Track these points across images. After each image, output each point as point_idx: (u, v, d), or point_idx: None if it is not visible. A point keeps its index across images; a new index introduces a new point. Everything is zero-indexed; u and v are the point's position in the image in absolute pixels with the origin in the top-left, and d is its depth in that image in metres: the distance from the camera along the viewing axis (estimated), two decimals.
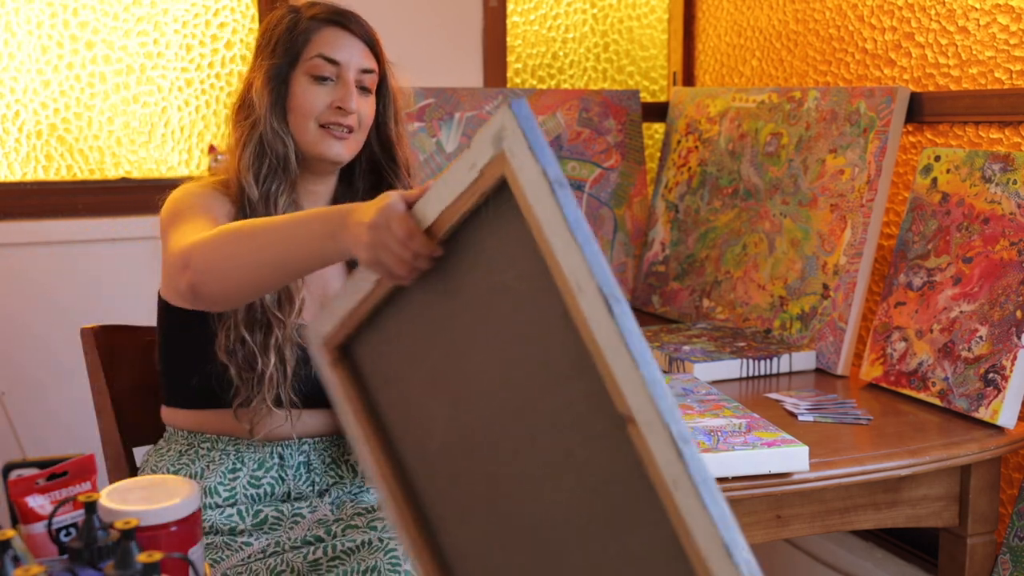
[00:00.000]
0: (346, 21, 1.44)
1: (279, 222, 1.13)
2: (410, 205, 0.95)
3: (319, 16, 1.43)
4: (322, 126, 1.42)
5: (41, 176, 2.23)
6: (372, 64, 1.45)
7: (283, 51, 1.42)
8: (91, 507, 0.81)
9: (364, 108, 1.44)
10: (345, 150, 1.44)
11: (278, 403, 1.37)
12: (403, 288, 0.97)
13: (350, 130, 1.42)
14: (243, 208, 1.39)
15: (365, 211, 0.99)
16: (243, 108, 1.44)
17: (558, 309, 0.83)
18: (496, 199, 0.86)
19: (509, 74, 2.56)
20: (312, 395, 1.42)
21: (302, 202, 1.47)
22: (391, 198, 0.96)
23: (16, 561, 0.78)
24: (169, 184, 1.48)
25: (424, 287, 0.96)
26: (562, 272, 0.83)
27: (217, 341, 1.36)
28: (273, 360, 1.36)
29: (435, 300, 0.96)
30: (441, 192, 0.91)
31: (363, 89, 1.44)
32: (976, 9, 1.81)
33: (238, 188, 1.41)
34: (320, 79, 1.41)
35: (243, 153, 1.41)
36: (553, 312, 0.83)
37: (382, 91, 1.49)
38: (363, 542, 1.29)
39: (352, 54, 1.43)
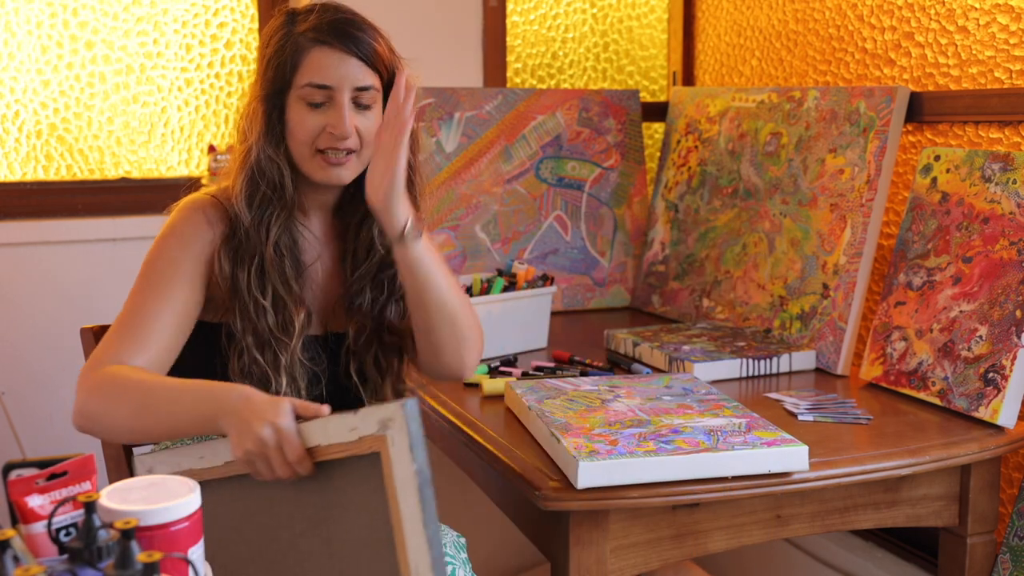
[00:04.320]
0: (337, 39, 1.34)
1: (171, 393, 1.22)
2: (298, 416, 1.08)
3: (309, 33, 1.35)
4: (320, 151, 1.36)
5: (41, 176, 2.23)
6: (369, 80, 1.36)
7: (274, 76, 1.37)
8: (91, 507, 0.81)
9: (365, 125, 1.37)
10: (347, 172, 1.38)
11: None
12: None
13: (349, 152, 1.37)
14: (239, 230, 1.37)
15: (257, 414, 1.10)
16: (241, 130, 1.41)
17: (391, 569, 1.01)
18: (365, 463, 1.04)
19: (509, 74, 2.56)
20: (319, 400, 1.42)
21: (308, 210, 1.45)
22: (283, 418, 1.09)
23: (16, 561, 0.77)
24: (169, 184, 1.48)
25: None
26: (407, 557, 0.99)
27: (231, 364, 1.36)
28: (285, 381, 1.36)
29: (279, 491, 1.11)
30: (327, 429, 1.07)
31: (361, 105, 1.37)
32: (976, 9, 1.81)
33: (234, 211, 1.38)
34: (313, 105, 1.35)
35: (238, 178, 1.39)
36: (384, 568, 1.02)
37: (387, 95, 1.41)
38: None
39: (344, 75, 1.34)
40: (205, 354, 1.40)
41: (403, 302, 1.45)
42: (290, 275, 1.38)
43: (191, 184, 1.50)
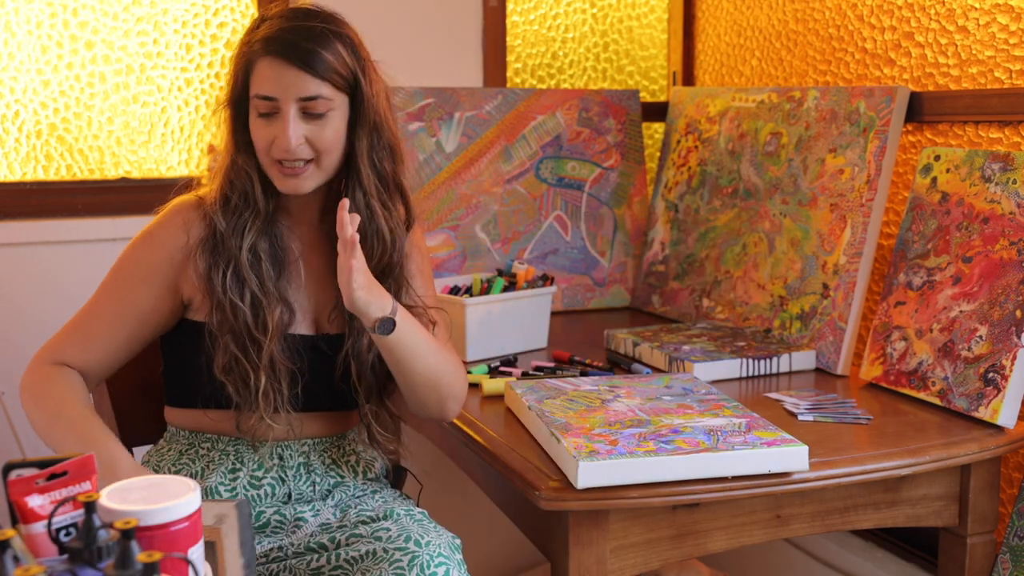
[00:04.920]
0: (281, 50, 1.33)
1: (61, 433, 1.32)
2: None
3: (257, 44, 1.35)
4: (276, 161, 1.36)
5: (41, 176, 2.23)
6: (316, 90, 1.33)
7: (233, 87, 1.39)
8: (91, 507, 0.81)
9: (319, 134, 1.35)
10: (305, 183, 1.38)
11: (276, 416, 1.38)
12: None
13: (306, 162, 1.36)
14: (213, 235, 1.39)
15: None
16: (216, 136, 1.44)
17: None
18: (208, 547, 1.06)
19: (509, 74, 2.56)
20: (309, 402, 1.43)
21: (294, 212, 1.46)
22: None
23: (16, 561, 0.78)
24: (169, 184, 1.49)
25: None
26: None
27: (215, 362, 1.38)
28: (264, 378, 1.37)
29: None
30: None
31: (314, 115, 1.35)
32: (976, 9, 1.81)
33: (211, 218, 1.41)
34: (263, 116, 1.35)
35: (214, 183, 1.42)
36: None
37: (355, 103, 1.38)
38: (367, 552, 1.29)
39: (287, 86, 1.33)
40: (192, 352, 1.41)
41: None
42: (267, 276, 1.39)
43: (185, 184, 1.50)
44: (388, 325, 1.35)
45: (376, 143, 1.41)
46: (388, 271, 1.44)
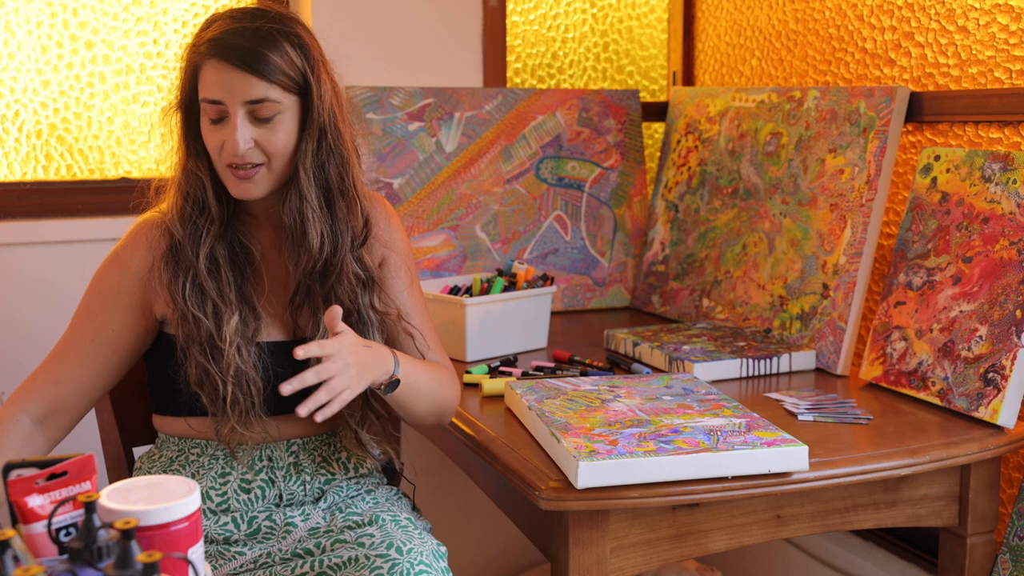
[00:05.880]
0: (225, 52, 1.30)
1: None
2: None
3: (203, 46, 1.32)
4: (228, 166, 1.34)
5: (41, 176, 2.23)
6: (263, 93, 1.30)
7: (182, 91, 1.37)
8: (91, 507, 0.81)
9: (268, 137, 1.33)
10: (254, 188, 1.36)
11: (248, 423, 1.38)
12: None
13: (255, 165, 1.34)
14: (173, 247, 1.38)
15: None
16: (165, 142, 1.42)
17: None
18: None
19: (509, 74, 2.56)
20: (283, 407, 1.40)
21: (257, 215, 1.44)
22: None
23: (16, 561, 0.78)
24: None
25: None
26: None
27: (190, 376, 1.37)
28: (232, 387, 1.35)
29: None
30: None
31: (262, 119, 1.32)
32: (976, 9, 1.81)
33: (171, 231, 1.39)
34: (212, 120, 1.33)
35: (169, 192, 1.41)
36: None
37: (305, 105, 1.35)
38: (350, 559, 1.28)
39: (234, 89, 1.30)
40: (170, 364, 1.41)
41: (381, 315, 1.46)
42: (227, 283, 1.38)
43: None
44: (393, 385, 1.37)
45: (321, 147, 1.37)
46: (322, 277, 1.40)
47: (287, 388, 1.25)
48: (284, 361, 1.39)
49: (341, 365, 1.28)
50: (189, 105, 1.38)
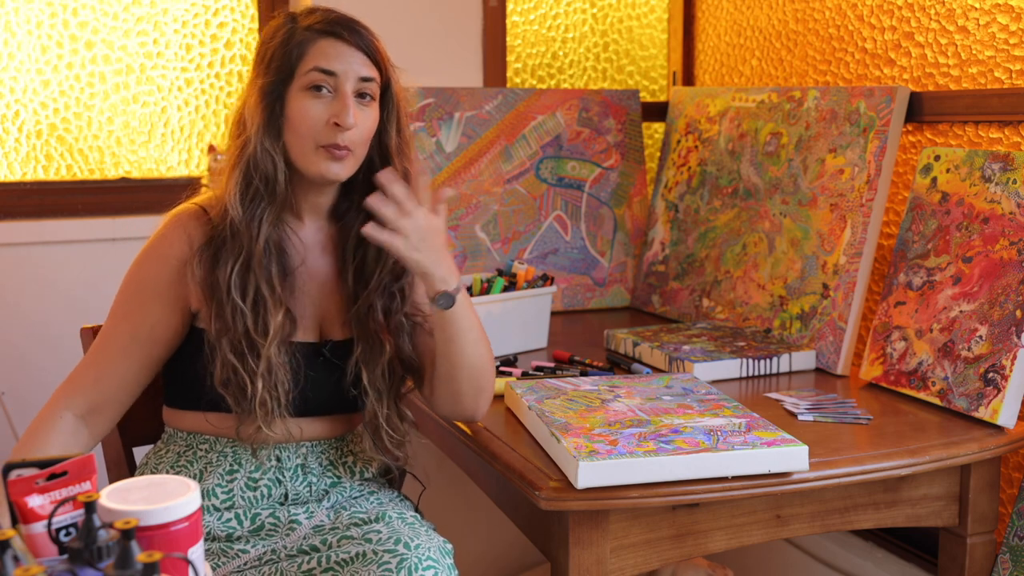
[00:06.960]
0: (343, 31, 1.37)
1: None
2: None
3: (315, 27, 1.37)
4: (321, 146, 1.36)
5: (41, 176, 2.23)
6: (372, 72, 1.38)
7: (278, 66, 1.37)
8: (91, 507, 0.81)
9: (365, 120, 1.37)
10: (344, 170, 1.38)
11: (273, 423, 1.37)
12: None
13: (349, 149, 1.36)
14: (224, 231, 1.37)
15: None
16: (237, 125, 1.40)
17: None
18: None
19: (509, 74, 2.56)
20: (308, 408, 1.42)
21: (301, 213, 1.44)
22: None
23: (16, 561, 0.78)
24: (169, 184, 1.48)
25: None
26: None
27: (215, 375, 1.36)
28: (261, 386, 1.35)
29: None
30: None
31: (363, 97, 1.38)
32: (976, 9, 1.81)
33: (223, 210, 1.38)
34: (316, 90, 1.35)
35: (232, 174, 1.39)
36: None
37: (386, 99, 1.42)
38: (357, 554, 1.28)
39: (350, 64, 1.36)
40: (195, 357, 1.40)
41: (412, 319, 1.46)
42: (275, 275, 1.38)
43: (191, 184, 1.50)
44: (449, 299, 1.35)
45: (403, 142, 1.44)
46: (403, 273, 1.44)
47: (385, 176, 1.31)
48: (312, 364, 1.41)
49: (414, 225, 1.33)
50: (279, 83, 1.37)
